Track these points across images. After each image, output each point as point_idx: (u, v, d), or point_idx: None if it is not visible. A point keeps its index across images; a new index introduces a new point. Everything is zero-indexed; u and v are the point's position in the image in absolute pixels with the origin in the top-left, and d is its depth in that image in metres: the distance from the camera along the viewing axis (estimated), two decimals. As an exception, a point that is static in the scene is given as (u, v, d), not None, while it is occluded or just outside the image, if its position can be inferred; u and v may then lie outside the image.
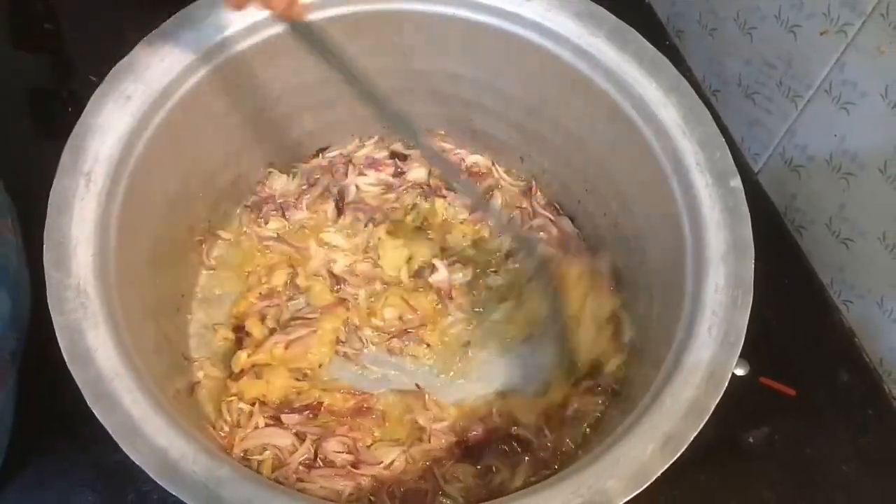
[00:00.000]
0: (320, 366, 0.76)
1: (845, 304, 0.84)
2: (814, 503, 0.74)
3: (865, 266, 0.80)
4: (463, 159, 0.89)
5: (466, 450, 0.72)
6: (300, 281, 0.80)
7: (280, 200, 0.84)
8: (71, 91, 0.91)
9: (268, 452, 0.68)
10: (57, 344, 0.55)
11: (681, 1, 0.99)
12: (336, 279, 0.80)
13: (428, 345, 0.78)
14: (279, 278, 0.79)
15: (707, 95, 0.97)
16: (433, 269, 0.81)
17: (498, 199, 0.87)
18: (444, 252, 0.82)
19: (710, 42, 0.94)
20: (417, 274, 0.81)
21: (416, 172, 0.87)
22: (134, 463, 0.52)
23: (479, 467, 0.71)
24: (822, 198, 0.83)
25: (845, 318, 0.84)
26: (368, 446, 0.71)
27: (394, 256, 0.81)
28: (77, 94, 0.88)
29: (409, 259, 0.82)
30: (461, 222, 0.85)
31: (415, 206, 0.85)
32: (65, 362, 0.55)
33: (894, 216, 0.74)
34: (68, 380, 0.54)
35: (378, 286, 0.80)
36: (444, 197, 0.86)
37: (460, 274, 0.81)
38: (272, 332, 0.75)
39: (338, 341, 0.77)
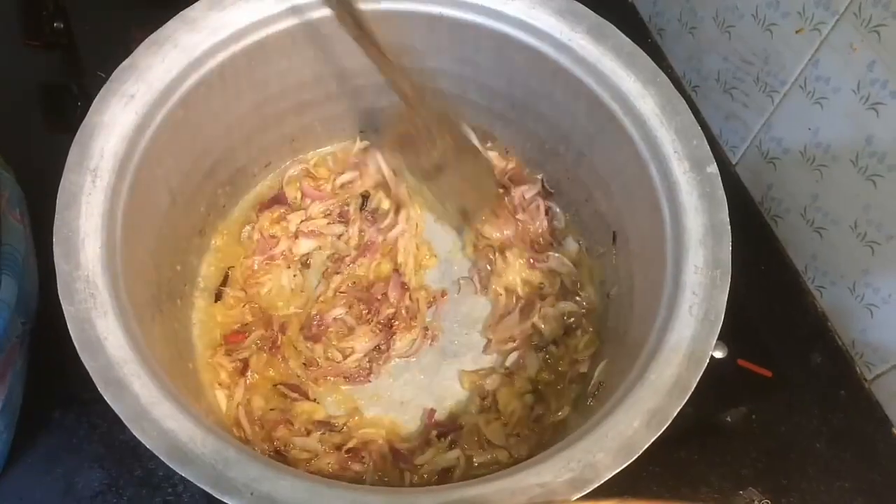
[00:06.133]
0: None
1: (819, 289, 0.85)
2: (788, 478, 0.75)
3: (838, 253, 0.81)
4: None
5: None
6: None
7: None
8: (80, 86, 0.93)
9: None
10: (66, 327, 0.56)
11: (662, 0, 1.00)
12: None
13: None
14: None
15: (687, 91, 0.98)
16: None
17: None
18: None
19: (690, 40, 0.95)
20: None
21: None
22: (141, 441, 0.53)
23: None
24: (796, 188, 0.84)
25: (819, 303, 0.86)
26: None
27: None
28: (86, 90, 0.90)
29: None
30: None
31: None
32: (73, 345, 0.56)
33: (865, 205, 0.76)
34: (77, 362, 0.55)
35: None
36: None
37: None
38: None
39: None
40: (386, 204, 0.86)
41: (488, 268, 0.83)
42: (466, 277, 0.84)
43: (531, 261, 0.82)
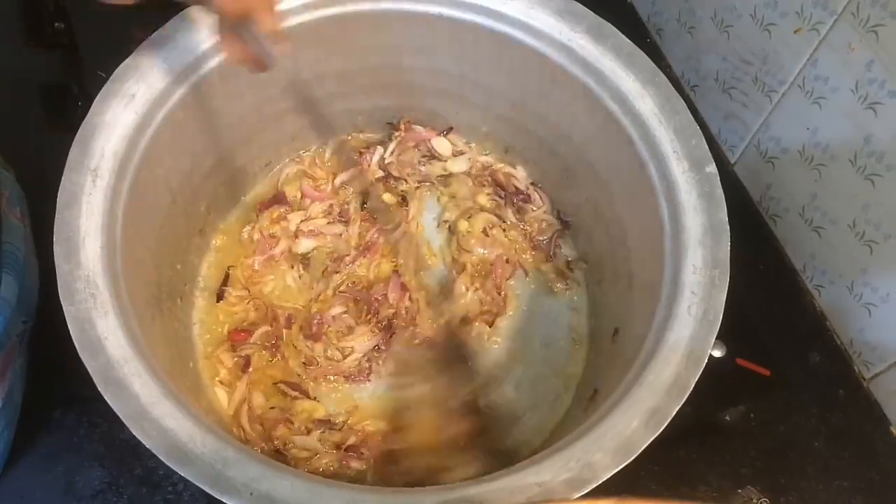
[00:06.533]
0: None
1: (817, 288, 0.85)
2: (787, 477, 0.75)
3: (836, 252, 0.81)
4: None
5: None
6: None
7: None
8: (81, 86, 0.93)
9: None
10: (65, 327, 0.56)
11: (660, 0, 1.00)
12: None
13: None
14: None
15: (686, 91, 0.98)
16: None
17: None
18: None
19: (689, 40, 0.95)
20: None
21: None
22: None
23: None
24: (795, 188, 0.84)
25: (817, 302, 0.85)
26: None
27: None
28: (86, 90, 0.89)
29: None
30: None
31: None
32: (73, 344, 0.56)
33: (863, 205, 0.76)
34: (77, 361, 0.55)
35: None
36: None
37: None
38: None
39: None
40: (387, 197, 0.86)
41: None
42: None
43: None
